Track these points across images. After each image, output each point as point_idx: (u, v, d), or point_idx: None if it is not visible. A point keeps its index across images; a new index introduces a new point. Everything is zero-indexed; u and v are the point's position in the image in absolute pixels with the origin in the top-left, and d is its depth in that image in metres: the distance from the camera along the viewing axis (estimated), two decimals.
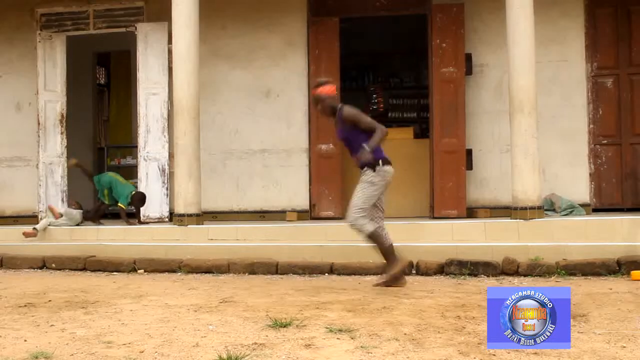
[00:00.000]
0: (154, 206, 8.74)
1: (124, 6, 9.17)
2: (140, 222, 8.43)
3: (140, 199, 8.41)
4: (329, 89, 5.54)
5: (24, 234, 7.96)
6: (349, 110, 5.40)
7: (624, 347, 3.44)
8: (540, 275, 6.11)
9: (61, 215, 8.23)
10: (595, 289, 5.32)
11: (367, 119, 5.41)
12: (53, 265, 7.28)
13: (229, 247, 7.16)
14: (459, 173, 8.23)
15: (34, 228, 8.00)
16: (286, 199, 8.73)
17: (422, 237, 7.11)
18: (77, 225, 8.26)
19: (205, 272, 6.75)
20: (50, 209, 8.42)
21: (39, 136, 9.20)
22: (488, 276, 6.19)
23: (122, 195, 8.37)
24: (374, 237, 5.33)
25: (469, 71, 8.37)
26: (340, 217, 5.73)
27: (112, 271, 7.00)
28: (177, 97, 7.68)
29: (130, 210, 8.46)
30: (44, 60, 9.25)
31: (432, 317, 4.24)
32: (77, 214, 8.33)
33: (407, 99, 11.58)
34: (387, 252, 5.42)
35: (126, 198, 8.35)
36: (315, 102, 5.61)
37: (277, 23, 8.94)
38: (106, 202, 8.60)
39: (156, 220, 8.68)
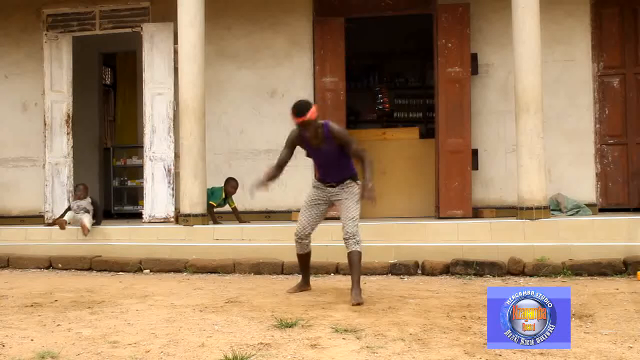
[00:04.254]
0: (160, 206, 8.75)
1: (130, 7, 9.18)
2: (242, 221, 8.16)
3: (235, 181, 8.34)
4: (315, 111, 5.10)
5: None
6: (339, 128, 5.21)
7: (631, 347, 3.43)
8: (546, 276, 6.10)
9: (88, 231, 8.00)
10: (602, 289, 5.30)
11: (355, 140, 5.24)
12: (59, 265, 7.31)
13: (235, 247, 7.18)
14: (464, 173, 8.21)
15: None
16: (291, 199, 8.71)
17: (427, 237, 7.09)
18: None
19: (211, 272, 6.77)
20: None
21: (45, 136, 9.22)
22: (494, 276, 6.18)
23: (215, 194, 8.26)
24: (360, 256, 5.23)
25: (474, 71, 8.35)
26: None
27: (118, 271, 7.03)
28: (183, 98, 7.70)
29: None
30: (50, 60, 9.26)
31: (438, 317, 4.24)
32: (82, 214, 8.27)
33: (413, 99, 11.56)
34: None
35: (214, 196, 8.21)
36: (307, 127, 5.08)
37: (282, 23, 8.94)
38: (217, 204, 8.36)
39: (162, 220, 8.68)
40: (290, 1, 8.94)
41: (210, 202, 8.20)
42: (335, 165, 5.25)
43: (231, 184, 8.36)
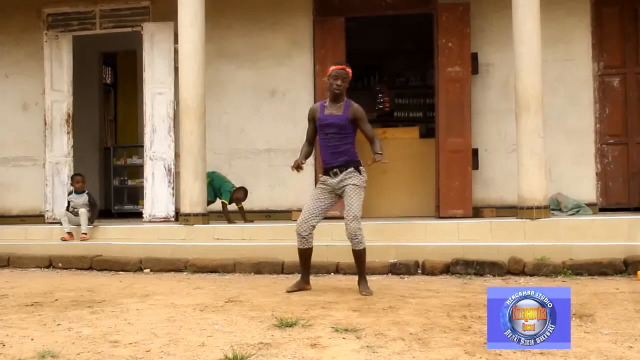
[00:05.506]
0: (160, 206, 8.75)
1: (130, 6, 9.19)
2: (247, 221, 8.19)
3: (244, 193, 8.37)
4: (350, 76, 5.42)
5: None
6: (360, 107, 5.37)
7: (631, 347, 3.43)
8: (546, 275, 6.10)
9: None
10: (602, 289, 5.30)
11: (369, 124, 5.45)
12: (60, 264, 7.31)
13: (235, 246, 7.17)
14: (464, 172, 8.22)
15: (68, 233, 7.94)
16: (292, 198, 8.73)
17: (427, 237, 7.09)
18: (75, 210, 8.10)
19: (211, 272, 6.77)
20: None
21: (45, 136, 9.23)
22: (494, 276, 6.18)
23: (225, 190, 8.29)
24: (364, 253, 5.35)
25: (475, 70, 8.35)
26: None
27: (118, 270, 7.02)
28: (183, 97, 7.70)
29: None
30: (51, 60, 9.27)
31: (438, 316, 4.24)
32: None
33: (413, 99, 11.56)
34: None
35: (228, 194, 8.27)
36: (340, 78, 5.27)
37: (282, 22, 8.94)
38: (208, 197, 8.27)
39: (162, 219, 8.69)
40: (290, 1, 8.94)
41: (223, 200, 8.23)
42: (341, 143, 5.28)
43: (237, 196, 8.32)
